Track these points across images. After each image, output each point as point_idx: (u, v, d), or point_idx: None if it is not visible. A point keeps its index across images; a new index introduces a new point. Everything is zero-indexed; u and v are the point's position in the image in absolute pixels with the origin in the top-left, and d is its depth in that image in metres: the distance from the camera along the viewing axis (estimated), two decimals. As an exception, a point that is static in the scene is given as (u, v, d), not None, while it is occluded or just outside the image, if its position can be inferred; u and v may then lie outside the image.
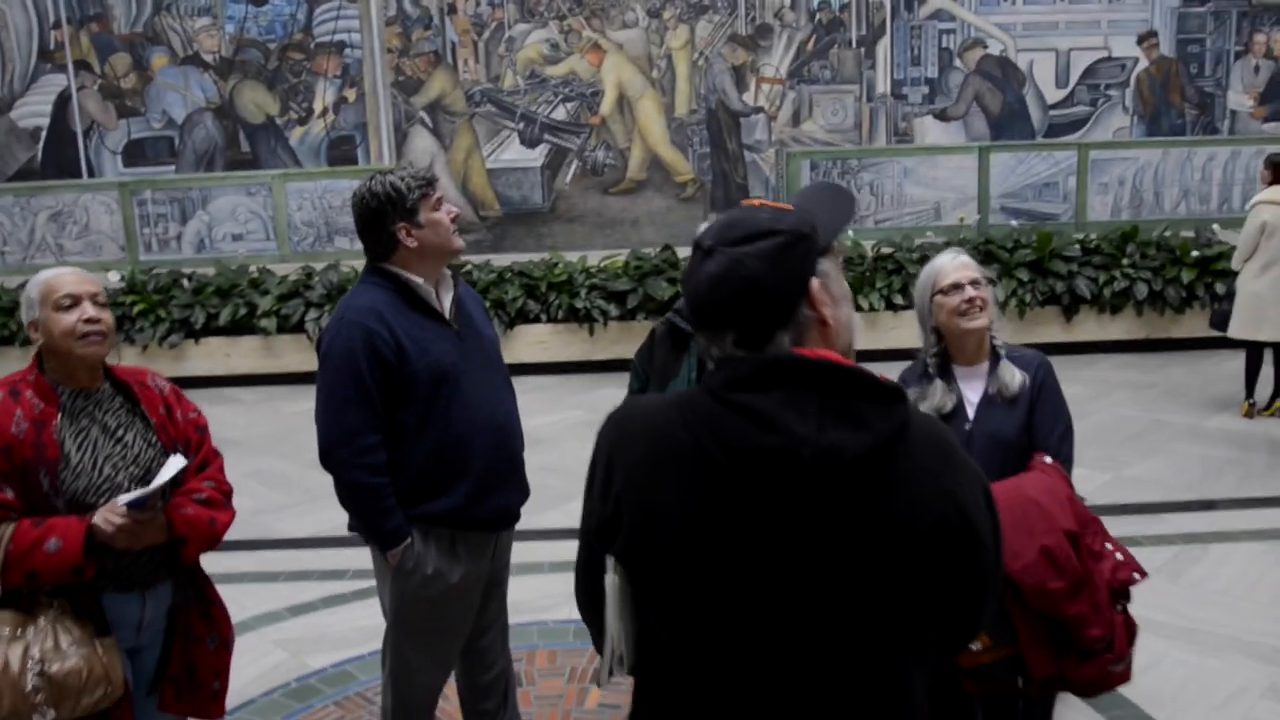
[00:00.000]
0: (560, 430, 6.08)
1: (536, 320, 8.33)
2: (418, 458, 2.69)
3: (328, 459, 2.67)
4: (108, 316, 2.29)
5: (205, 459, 2.36)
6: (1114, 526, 4.12)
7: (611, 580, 1.42)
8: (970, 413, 2.62)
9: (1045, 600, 2.39)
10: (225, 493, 2.39)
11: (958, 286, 2.59)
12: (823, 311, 1.38)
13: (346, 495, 2.70)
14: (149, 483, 2.22)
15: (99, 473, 2.23)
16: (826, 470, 1.32)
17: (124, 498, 2.15)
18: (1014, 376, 2.65)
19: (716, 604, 1.40)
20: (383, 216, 2.66)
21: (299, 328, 8.43)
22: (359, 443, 2.64)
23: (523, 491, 2.95)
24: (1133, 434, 6.44)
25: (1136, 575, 2.57)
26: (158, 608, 2.35)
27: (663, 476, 1.39)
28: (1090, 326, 8.52)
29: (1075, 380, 7.64)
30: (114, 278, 8.88)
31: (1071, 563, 2.42)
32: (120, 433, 2.30)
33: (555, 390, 6.69)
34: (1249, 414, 6.70)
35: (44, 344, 2.25)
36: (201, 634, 2.41)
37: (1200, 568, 4.51)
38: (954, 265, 2.61)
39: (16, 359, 8.65)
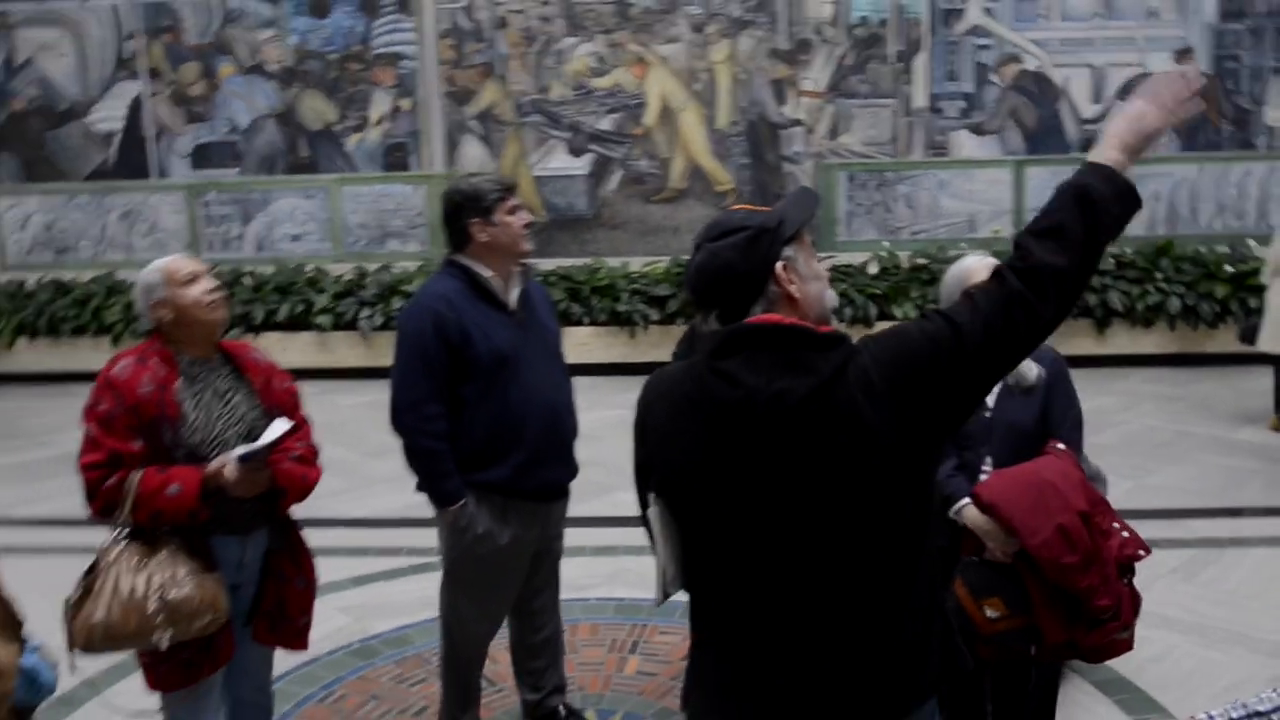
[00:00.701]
0: (602, 427, 6.36)
1: (579, 323, 8.63)
2: (475, 430, 3.03)
3: (396, 423, 3.04)
4: (220, 287, 2.65)
5: (297, 423, 2.67)
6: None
7: (654, 510, 1.77)
8: (989, 401, 2.85)
9: (1060, 573, 2.63)
10: (314, 453, 2.71)
11: None
12: (789, 289, 1.74)
13: (411, 456, 3.05)
14: (252, 440, 2.54)
15: (211, 430, 2.56)
16: (779, 410, 1.64)
17: (237, 451, 2.47)
18: (1031, 369, 2.88)
19: (723, 522, 1.74)
20: (461, 212, 3.04)
21: (352, 325, 8.82)
22: (423, 411, 2.99)
23: (570, 469, 3.27)
24: (1159, 444, 6.60)
25: (1141, 552, 2.83)
26: (255, 550, 2.67)
27: (676, 426, 1.75)
28: (1122, 340, 8.63)
29: (1105, 392, 7.80)
30: (179, 275, 9.32)
31: (1084, 540, 2.66)
32: (229, 396, 2.64)
33: (597, 390, 6.96)
34: (1277, 428, 6.82)
35: (171, 319, 2.58)
36: (291, 575, 2.73)
37: (1214, 569, 4.71)
38: (984, 264, 2.85)
39: (88, 348, 9.10)
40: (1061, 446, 2.85)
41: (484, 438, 3.04)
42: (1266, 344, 6.71)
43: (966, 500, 2.73)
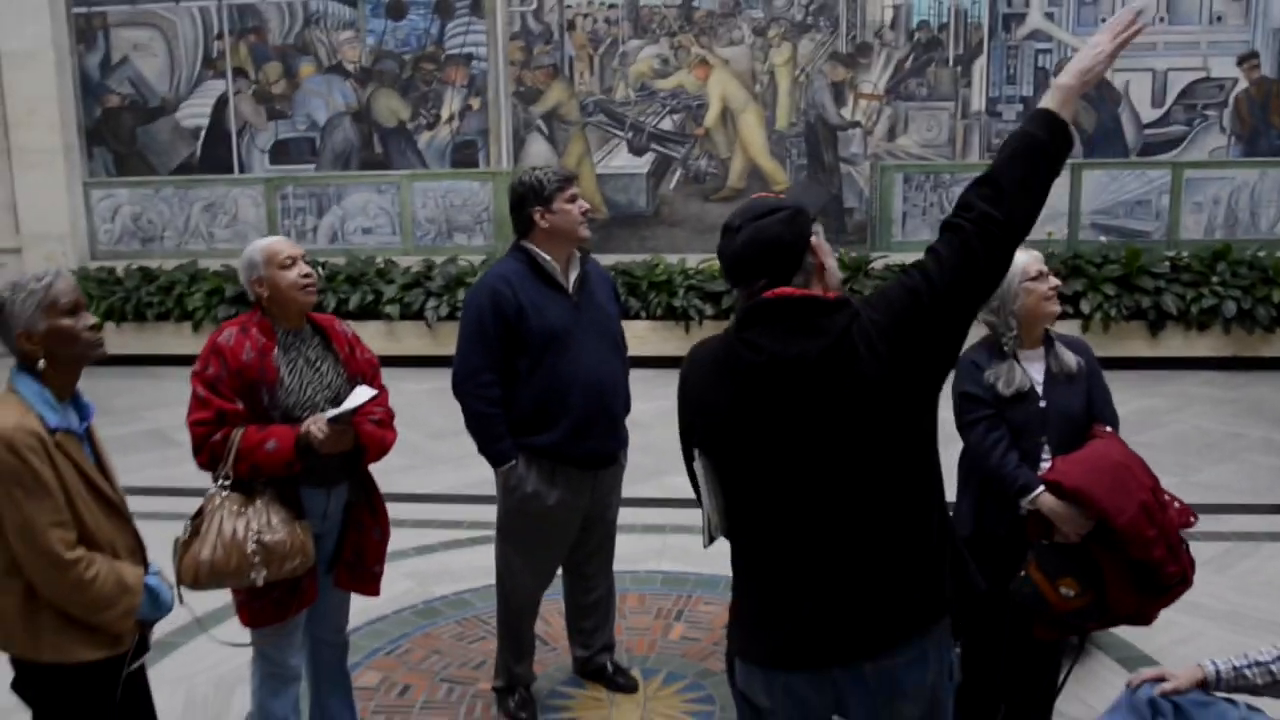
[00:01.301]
0: (654, 417, 6.63)
1: (637, 317, 8.88)
2: (527, 398, 3.32)
3: (456, 388, 3.35)
4: (314, 272, 2.95)
5: (378, 390, 2.97)
6: None
7: (698, 465, 2.04)
8: (1039, 390, 2.98)
9: (1144, 548, 2.77)
10: (391, 416, 3.01)
11: (1044, 275, 2.97)
12: (821, 259, 2.01)
13: (468, 419, 3.36)
14: (338, 404, 2.84)
15: (303, 393, 2.86)
16: (800, 369, 1.91)
17: (327, 413, 2.78)
18: (1070, 357, 3.03)
19: (758, 470, 2.01)
20: (524, 201, 3.34)
21: (419, 315, 9.17)
22: (479, 379, 3.30)
23: (617, 441, 3.51)
24: (1207, 444, 6.67)
25: (1191, 519, 3.00)
26: (338, 502, 2.97)
27: (712, 390, 2.02)
28: (1176, 342, 8.66)
29: (1156, 394, 7.88)
30: (258, 265, 9.76)
31: (1158, 513, 2.81)
32: (318, 364, 2.94)
33: (651, 382, 7.21)
34: (1327, 430, 6.84)
35: (268, 295, 2.89)
36: (369, 526, 3.03)
37: (1250, 562, 4.82)
38: (1036, 258, 2.99)
39: (170, 333, 9.60)
40: (1109, 430, 3.03)
41: (534, 406, 3.32)
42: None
43: (1041, 488, 2.85)
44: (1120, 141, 9.32)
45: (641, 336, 8.66)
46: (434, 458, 6.49)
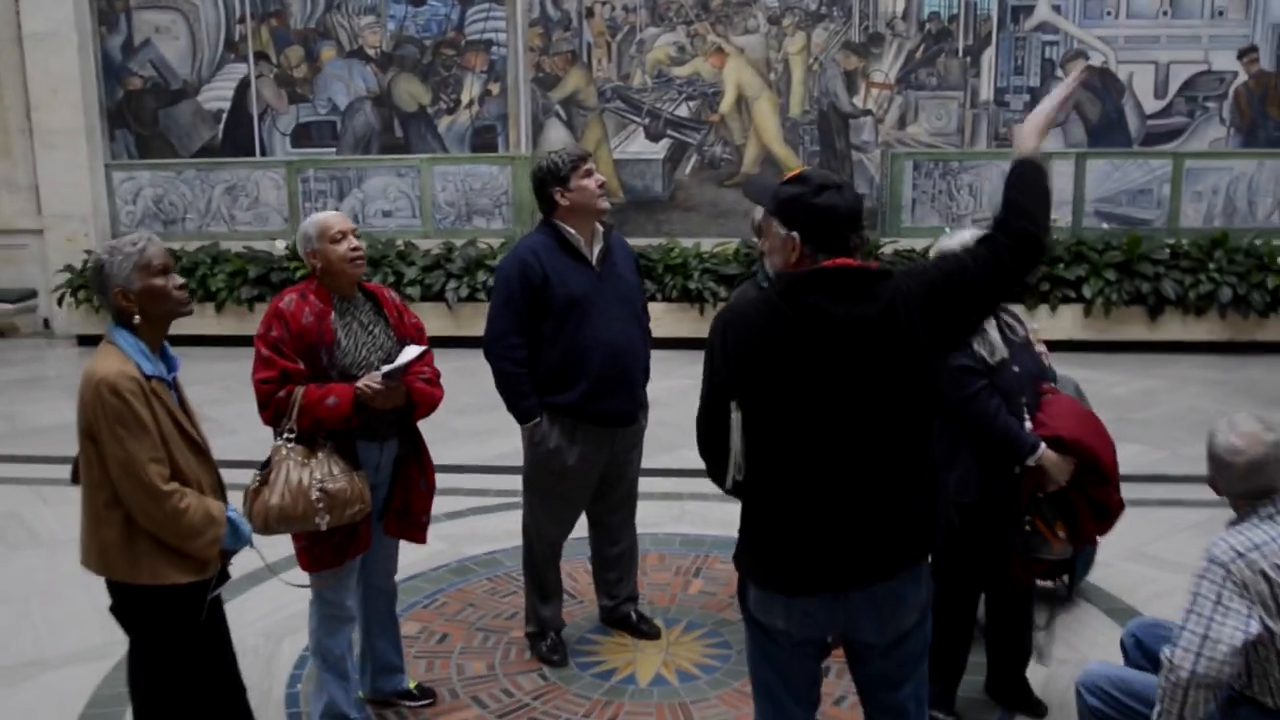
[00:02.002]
0: (671, 395, 6.87)
1: (653, 299, 9.08)
2: (550, 359, 3.58)
3: (486, 350, 3.63)
4: (363, 245, 3.19)
5: (426, 349, 3.21)
6: (1157, 492, 5.04)
7: (735, 416, 2.24)
8: (1008, 357, 3.21)
9: (1112, 483, 3.17)
10: (438, 374, 3.25)
11: None
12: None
13: (497, 378, 3.63)
14: (390, 363, 3.09)
15: (359, 354, 3.11)
16: (857, 330, 2.17)
17: (383, 370, 3.02)
18: (1018, 325, 3.30)
19: (798, 417, 2.25)
20: (545, 183, 3.60)
21: (439, 296, 9.38)
22: (506, 341, 3.57)
23: (635, 402, 3.74)
24: (1198, 421, 6.90)
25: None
26: (389, 455, 3.22)
27: (768, 348, 2.24)
28: (1174, 327, 8.90)
29: (1154, 375, 8.12)
30: (280, 246, 9.98)
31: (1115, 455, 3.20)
32: (371, 327, 3.18)
33: (667, 362, 7.45)
34: (1317, 410, 7.07)
35: (321, 267, 3.12)
36: (416, 478, 3.27)
37: (1228, 528, 5.06)
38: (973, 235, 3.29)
39: (194, 314, 9.80)
40: (1054, 386, 3.38)
41: (556, 367, 3.58)
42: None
43: (1043, 445, 3.10)
44: (1123, 132, 9.52)
45: (657, 318, 8.74)
46: (458, 432, 6.73)
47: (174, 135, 10.55)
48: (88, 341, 10.06)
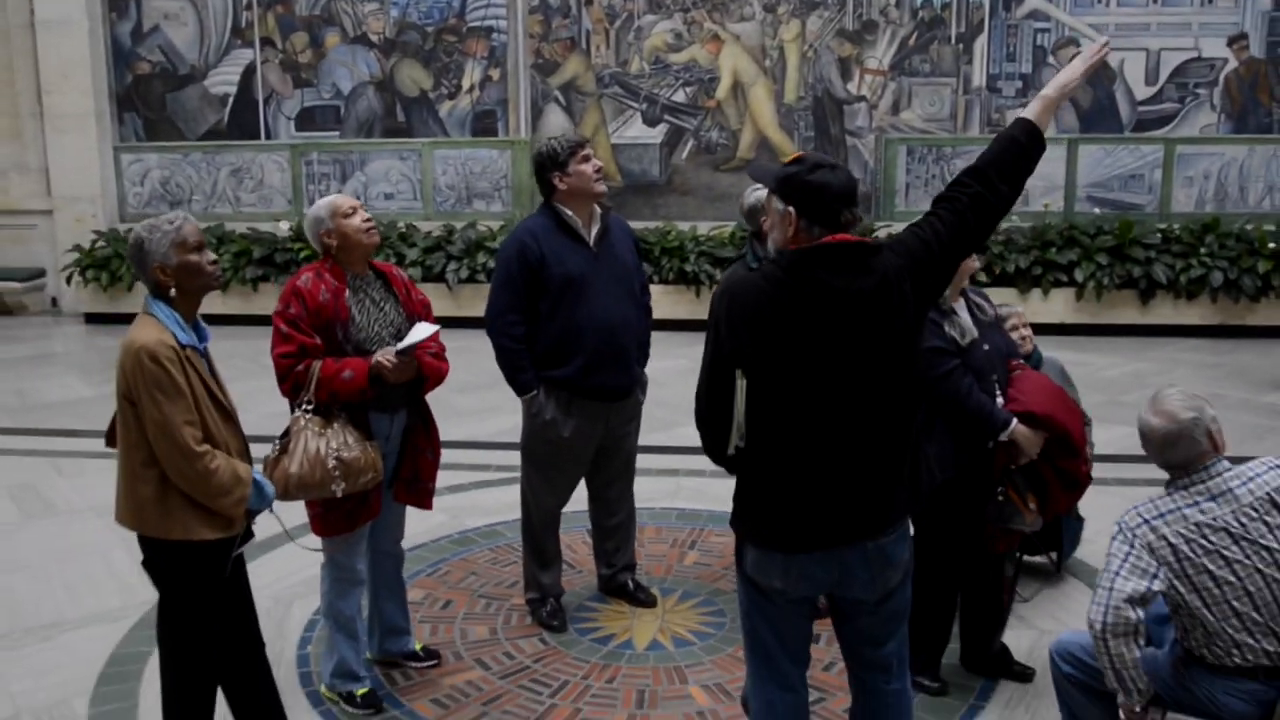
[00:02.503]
0: (669, 375, 7.04)
1: (650, 281, 9.21)
2: (547, 336, 3.76)
3: (488, 326, 3.82)
4: (372, 217, 3.34)
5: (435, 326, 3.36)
6: (1145, 471, 5.29)
7: (740, 383, 2.38)
8: (979, 336, 3.40)
9: (1080, 454, 3.35)
10: (444, 349, 3.42)
11: None
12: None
13: (497, 353, 3.82)
14: (399, 339, 3.25)
15: (371, 329, 3.27)
16: (857, 300, 2.35)
17: (397, 346, 3.18)
18: (986, 304, 3.47)
19: (800, 383, 2.39)
20: (544, 168, 3.76)
21: (440, 277, 9.54)
22: (505, 318, 3.75)
23: (629, 377, 3.90)
24: (1186, 404, 7.07)
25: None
26: (398, 426, 3.39)
27: (767, 318, 2.39)
28: (1166, 310, 9.06)
29: (1145, 359, 8.29)
30: (284, 227, 10.14)
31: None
32: (382, 304, 3.35)
33: (664, 343, 7.60)
34: (1304, 392, 7.23)
35: (337, 244, 3.28)
36: (424, 447, 3.44)
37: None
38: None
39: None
40: (1020, 362, 3.55)
41: (553, 343, 3.76)
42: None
43: (1015, 421, 3.26)
44: (1115, 118, 9.67)
45: (654, 301, 8.97)
46: (459, 410, 6.90)
47: (181, 119, 10.72)
48: (95, 320, 10.24)
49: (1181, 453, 2.60)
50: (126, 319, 10.48)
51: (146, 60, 10.63)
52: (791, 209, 2.37)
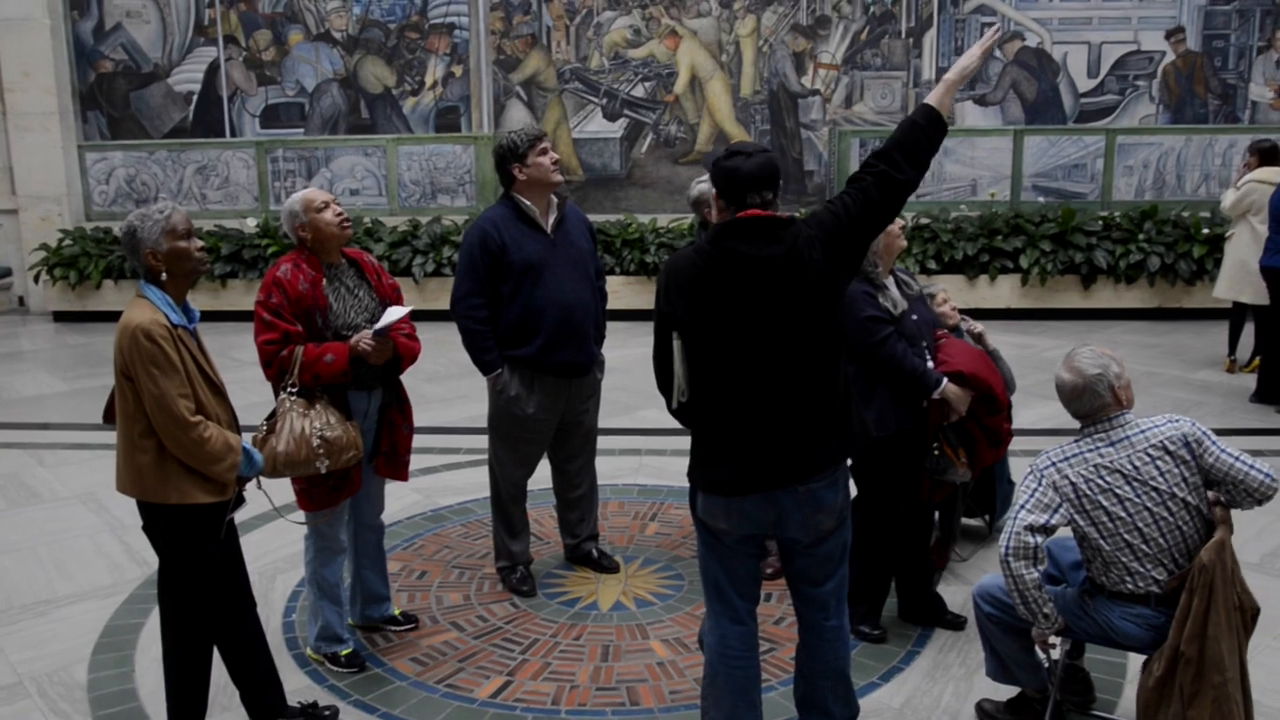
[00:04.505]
0: (629, 362, 7.30)
1: (611, 272, 9.49)
2: (509, 317, 4.02)
3: (452, 309, 4.08)
4: (344, 210, 3.55)
5: (408, 308, 3.58)
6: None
7: (676, 344, 2.67)
8: (908, 307, 3.71)
9: (1003, 412, 3.73)
10: (414, 330, 3.64)
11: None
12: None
13: (462, 335, 4.08)
14: (374, 323, 3.47)
15: (348, 315, 3.48)
16: (767, 266, 2.62)
17: (374, 328, 3.39)
18: (911, 280, 3.79)
19: (728, 344, 2.68)
20: (505, 160, 4.01)
21: (407, 271, 9.71)
22: (469, 301, 4.01)
23: (587, 354, 4.14)
24: (1124, 382, 7.44)
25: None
26: (375, 403, 3.61)
27: (700, 286, 2.68)
28: (1107, 295, 9.44)
29: (1085, 341, 8.55)
30: (251, 224, 10.28)
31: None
32: (356, 291, 3.56)
33: (625, 333, 7.89)
34: (1231, 369, 7.62)
35: (311, 236, 3.48)
36: (399, 422, 3.67)
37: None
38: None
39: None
40: (945, 331, 3.88)
41: (514, 324, 4.01)
42: (1224, 291, 7.50)
43: (945, 380, 3.59)
44: (1059, 109, 10.04)
45: (615, 291, 9.24)
46: (429, 398, 7.13)
47: (145, 117, 10.81)
48: (63, 318, 10.33)
49: (1086, 404, 2.90)
50: (96, 317, 10.56)
51: (109, 58, 10.71)
52: (714, 190, 2.69)
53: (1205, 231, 9.22)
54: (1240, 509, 2.91)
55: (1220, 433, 2.94)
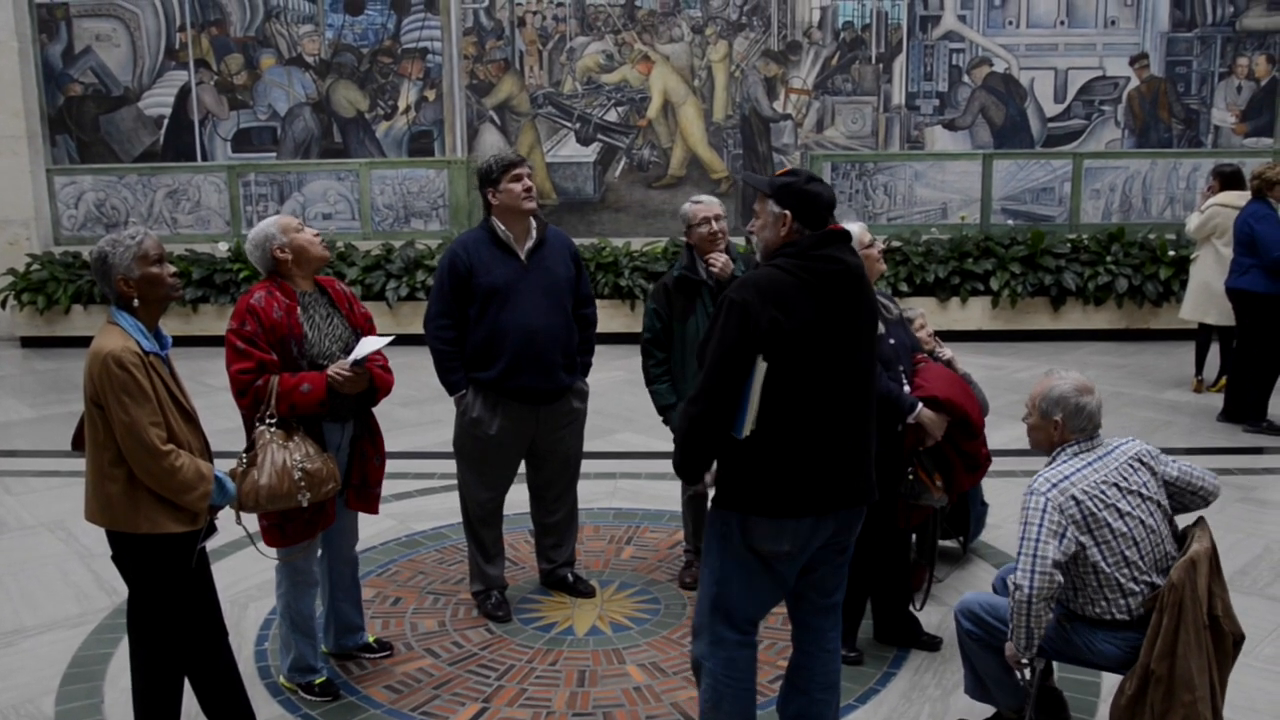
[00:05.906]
0: (606, 385, 7.30)
1: (586, 294, 9.48)
2: (475, 339, 4.06)
3: (425, 329, 4.05)
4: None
5: (390, 336, 3.55)
6: (1043, 464, 5.52)
7: (760, 365, 2.66)
8: (885, 331, 3.74)
9: (980, 437, 3.74)
10: (386, 361, 3.61)
11: (873, 243, 3.81)
12: None
13: (432, 355, 4.09)
14: (348, 353, 3.44)
15: (323, 344, 3.44)
16: (859, 273, 2.77)
17: (351, 358, 3.35)
18: (891, 304, 3.83)
19: (816, 367, 2.71)
20: (482, 184, 4.05)
21: (380, 296, 9.68)
22: (437, 322, 4.07)
23: (551, 381, 4.09)
24: (1092, 402, 7.51)
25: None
26: (348, 435, 3.57)
27: (800, 295, 2.69)
28: (1076, 316, 9.55)
29: (1055, 362, 8.72)
30: (222, 248, 10.21)
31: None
32: (330, 319, 3.53)
33: (601, 356, 7.87)
34: (1198, 389, 7.72)
35: (290, 258, 3.45)
36: (371, 454, 3.63)
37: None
38: (864, 229, 3.81)
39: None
40: (924, 356, 3.92)
41: (480, 347, 4.04)
42: (1189, 313, 7.61)
43: (920, 405, 3.61)
44: (1026, 134, 10.18)
45: (590, 313, 9.31)
46: (402, 422, 7.09)
47: (115, 141, 10.73)
48: (31, 344, 10.21)
49: (1087, 419, 2.95)
50: (64, 342, 10.39)
51: (79, 81, 10.64)
52: (788, 213, 2.74)
53: (1171, 253, 9.35)
54: (1188, 512, 3.05)
55: (1189, 451, 3.00)
